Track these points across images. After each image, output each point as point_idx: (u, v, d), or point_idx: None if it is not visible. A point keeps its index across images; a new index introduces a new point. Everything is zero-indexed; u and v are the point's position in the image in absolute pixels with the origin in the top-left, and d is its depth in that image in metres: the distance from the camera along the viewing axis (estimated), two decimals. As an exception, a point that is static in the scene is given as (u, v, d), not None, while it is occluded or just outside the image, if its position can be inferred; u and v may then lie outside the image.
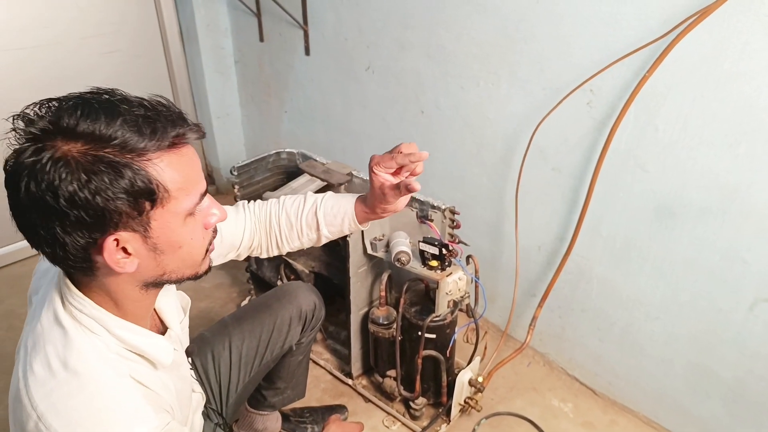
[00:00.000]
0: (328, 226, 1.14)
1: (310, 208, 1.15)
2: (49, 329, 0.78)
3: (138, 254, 0.74)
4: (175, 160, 0.72)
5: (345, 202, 1.14)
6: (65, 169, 0.65)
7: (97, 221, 0.68)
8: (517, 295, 1.82)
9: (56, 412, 0.72)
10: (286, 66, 2.40)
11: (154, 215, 0.72)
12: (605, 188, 1.52)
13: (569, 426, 1.71)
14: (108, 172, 0.66)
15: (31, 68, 2.26)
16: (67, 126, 0.67)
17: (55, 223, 0.68)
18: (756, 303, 1.36)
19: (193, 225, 0.78)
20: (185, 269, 0.81)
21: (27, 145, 0.67)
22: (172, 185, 0.72)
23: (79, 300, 0.78)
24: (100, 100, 0.69)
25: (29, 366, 0.75)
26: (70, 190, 0.65)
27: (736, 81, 1.20)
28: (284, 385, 1.53)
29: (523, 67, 1.58)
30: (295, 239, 1.17)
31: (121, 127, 0.67)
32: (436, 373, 1.63)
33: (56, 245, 0.70)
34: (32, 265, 2.56)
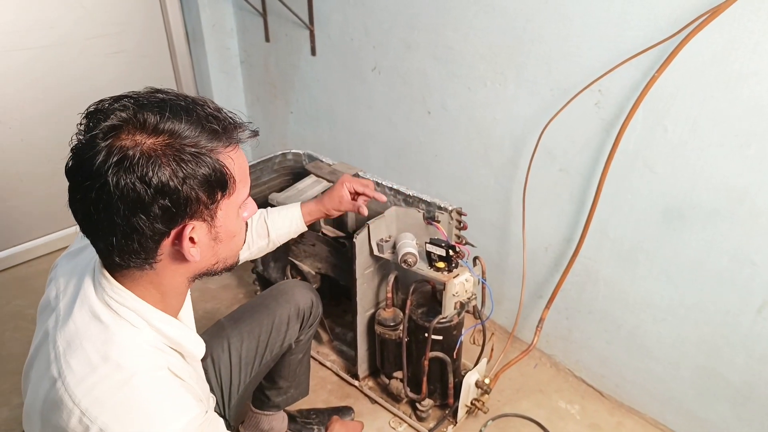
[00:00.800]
0: (277, 230, 1.38)
1: (257, 219, 1.37)
2: (85, 326, 0.79)
3: (201, 243, 0.79)
4: (238, 155, 0.79)
5: (291, 208, 1.41)
6: (156, 161, 0.70)
7: (179, 210, 0.73)
8: (524, 297, 1.81)
9: (101, 406, 0.73)
10: (291, 66, 2.39)
11: (221, 205, 0.79)
12: (613, 190, 1.51)
13: (576, 428, 1.70)
14: (193, 161, 0.72)
15: (37, 69, 2.27)
16: (149, 122, 0.71)
17: (139, 213, 0.71)
18: (764, 305, 1.35)
19: (240, 217, 0.85)
20: (230, 258, 0.88)
21: (107, 140, 0.70)
22: (238, 177, 0.79)
23: (119, 293, 0.80)
24: (175, 99, 0.75)
25: (66, 364, 0.76)
26: (162, 179, 0.70)
27: (747, 81, 1.20)
28: (287, 384, 1.53)
29: (530, 68, 1.57)
30: (244, 249, 1.33)
31: (198, 125, 0.74)
32: (443, 375, 1.63)
33: (133, 235, 0.73)
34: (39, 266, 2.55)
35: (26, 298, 2.28)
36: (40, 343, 0.84)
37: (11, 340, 2.07)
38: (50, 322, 0.84)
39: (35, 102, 2.30)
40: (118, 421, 0.72)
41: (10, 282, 2.39)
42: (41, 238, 2.52)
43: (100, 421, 0.72)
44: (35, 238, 2.51)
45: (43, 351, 0.82)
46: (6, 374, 1.91)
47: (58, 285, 0.89)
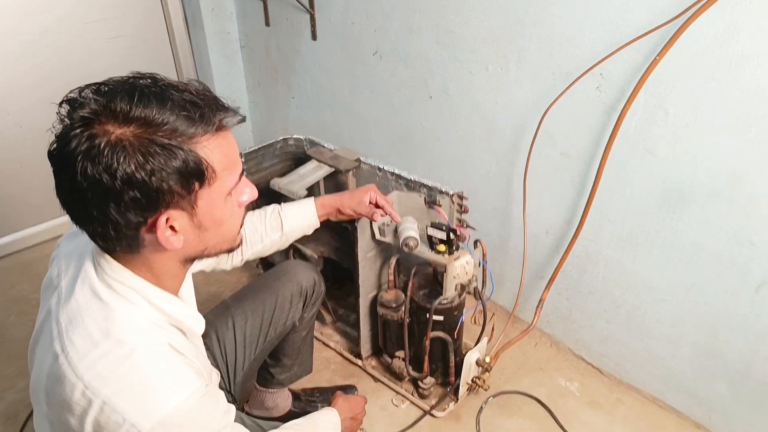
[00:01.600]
0: (290, 223, 1.36)
1: (272, 212, 1.36)
2: (86, 303, 0.80)
3: (184, 231, 0.79)
4: (220, 142, 0.77)
5: (305, 202, 1.39)
6: (122, 152, 0.69)
7: (150, 201, 0.72)
8: (524, 278, 1.83)
9: (103, 380, 0.74)
10: (292, 51, 2.39)
11: (201, 194, 0.77)
12: (614, 173, 1.53)
13: (575, 404, 1.74)
14: (162, 153, 0.71)
15: (35, 54, 2.26)
16: (120, 110, 0.70)
17: (111, 203, 0.71)
18: (763, 285, 1.37)
19: (231, 203, 0.84)
20: (223, 244, 0.87)
21: (79, 129, 0.70)
22: (218, 166, 0.77)
23: (118, 271, 0.81)
24: (149, 85, 0.73)
25: (68, 340, 0.78)
26: (128, 172, 0.69)
27: (748, 64, 1.21)
28: (290, 361, 1.56)
29: (532, 52, 1.58)
30: (257, 242, 1.33)
31: (172, 113, 0.72)
32: (444, 354, 1.66)
33: (108, 224, 0.73)
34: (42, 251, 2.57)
35: (30, 283, 2.30)
36: (44, 320, 0.86)
37: (16, 324, 2.09)
38: (53, 300, 0.85)
39: (33, 88, 2.29)
40: (121, 394, 0.74)
41: (13, 267, 2.41)
42: (44, 223, 2.53)
43: (102, 395, 0.74)
44: (38, 223, 2.52)
45: (47, 328, 0.83)
46: (11, 358, 1.93)
47: (59, 264, 0.91)
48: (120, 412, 0.73)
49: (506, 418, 1.69)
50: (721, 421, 1.59)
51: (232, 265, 1.33)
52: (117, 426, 0.73)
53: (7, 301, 2.21)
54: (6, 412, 1.74)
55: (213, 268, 1.30)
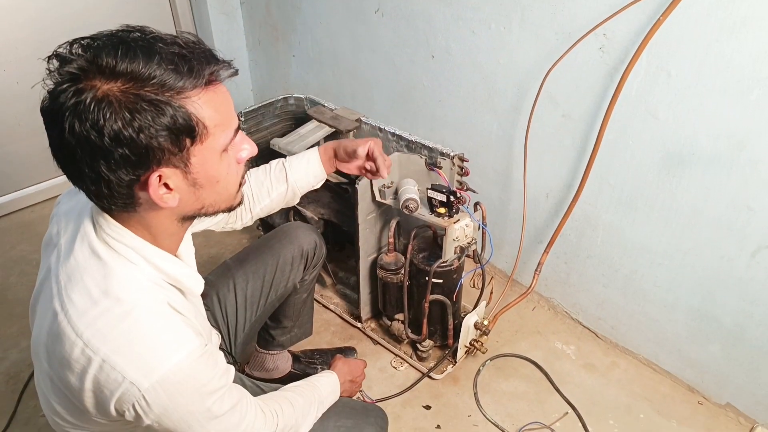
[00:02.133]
0: (295, 173, 1.28)
1: (276, 164, 1.30)
2: (85, 261, 0.80)
3: (179, 189, 0.78)
4: (211, 97, 0.74)
5: (308, 151, 1.32)
6: (108, 108, 0.67)
7: (140, 158, 0.71)
8: (523, 242, 1.84)
9: (103, 337, 0.75)
10: (293, 8, 2.35)
11: (194, 151, 0.75)
12: (615, 136, 1.51)
13: (571, 367, 1.76)
14: (150, 109, 0.69)
15: (30, 7, 2.22)
16: (106, 65, 0.68)
17: (100, 161, 0.70)
18: (759, 250, 1.37)
19: (228, 160, 0.82)
20: (221, 202, 0.86)
21: (66, 85, 0.68)
22: (210, 122, 0.75)
23: (117, 230, 0.81)
24: (136, 38, 0.71)
25: (67, 298, 0.78)
26: (115, 129, 0.68)
27: (752, 26, 1.18)
28: (291, 323, 1.58)
29: (535, 11, 1.54)
30: (264, 196, 1.28)
31: (159, 66, 0.69)
32: (443, 317, 1.68)
33: (101, 182, 0.72)
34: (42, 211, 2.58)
35: (30, 243, 2.31)
36: (44, 278, 0.87)
37: (17, 284, 2.12)
38: (52, 258, 0.86)
39: (29, 42, 2.26)
40: (120, 352, 0.74)
41: (13, 227, 2.42)
42: (43, 182, 2.52)
43: (102, 353, 0.74)
44: (37, 182, 2.52)
45: (47, 285, 0.84)
46: (13, 317, 1.96)
47: (59, 222, 0.90)
48: (119, 370, 0.74)
49: (503, 380, 1.72)
50: (713, 382, 1.62)
51: (242, 224, 1.30)
52: (116, 384, 0.74)
53: (8, 261, 2.23)
54: (8, 371, 1.77)
55: (222, 227, 1.28)
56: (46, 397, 0.87)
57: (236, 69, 0.79)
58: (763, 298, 1.41)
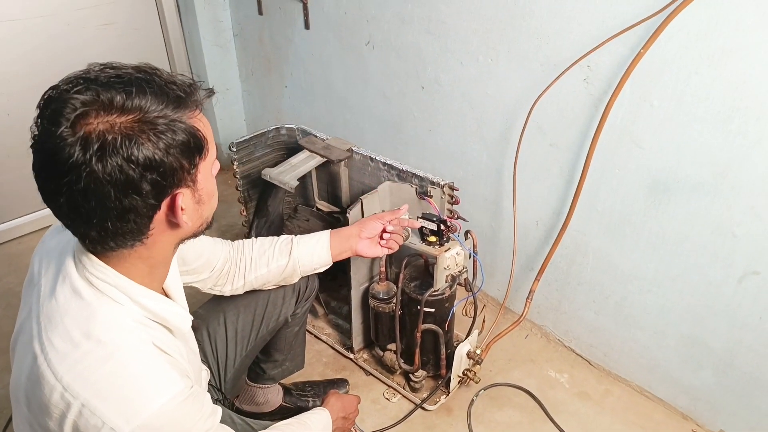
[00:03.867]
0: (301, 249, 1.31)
1: (284, 237, 1.33)
2: (66, 302, 0.79)
3: (188, 209, 0.80)
4: (201, 117, 0.79)
5: (319, 233, 1.36)
6: (135, 137, 0.70)
7: (168, 180, 0.74)
8: (515, 269, 1.85)
9: (83, 381, 0.73)
10: (285, 40, 2.39)
11: (200, 168, 0.79)
12: (601, 164, 1.53)
13: (565, 396, 1.76)
14: (168, 131, 0.72)
15: (26, 41, 2.25)
16: (115, 101, 0.70)
17: (131, 193, 0.71)
18: (745, 276, 1.38)
19: (213, 174, 0.85)
20: (209, 218, 0.88)
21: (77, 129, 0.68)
22: (209, 138, 0.79)
23: (101, 269, 0.80)
24: (133, 72, 0.74)
25: (47, 340, 0.77)
26: (148, 155, 0.70)
27: (730, 57, 1.21)
28: (282, 357, 1.56)
29: (521, 43, 1.58)
30: (263, 265, 1.29)
31: (163, 95, 0.73)
32: (436, 346, 1.67)
33: (128, 216, 0.73)
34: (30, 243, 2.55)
35: (17, 275, 2.27)
36: (25, 318, 0.85)
37: (2, 318, 2.07)
38: (33, 298, 0.84)
39: (23, 75, 2.27)
40: (100, 396, 0.73)
41: (0, 259, 2.39)
42: (31, 214, 2.49)
43: (81, 398, 0.72)
44: (25, 214, 2.49)
45: (27, 326, 0.82)
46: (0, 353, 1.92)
47: (41, 261, 0.89)
48: (99, 416, 0.72)
49: (497, 410, 1.71)
50: (707, 409, 1.61)
51: (232, 290, 1.30)
52: (96, 430, 0.72)
53: (-6, 294, 2.18)
54: (-8, 408, 1.72)
55: (210, 287, 1.27)
56: None
57: (211, 88, 0.83)
58: (751, 323, 1.42)
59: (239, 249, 1.29)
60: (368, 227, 1.39)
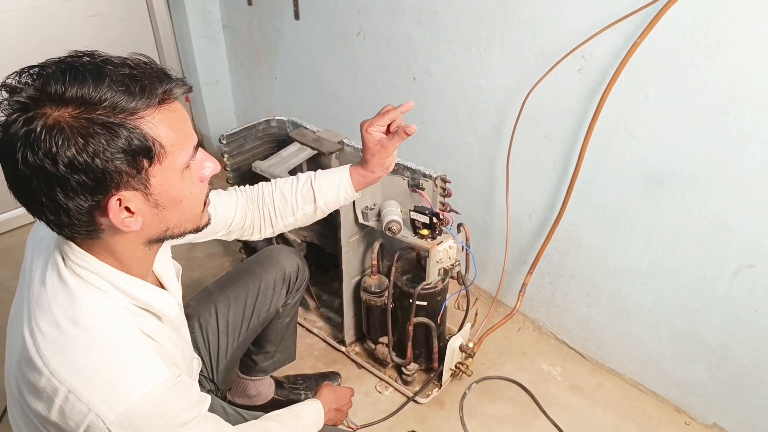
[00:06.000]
0: (324, 196, 1.21)
1: (304, 182, 1.22)
2: (53, 290, 0.79)
3: (141, 212, 0.76)
4: (166, 116, 0.73)
5: (339, 171, 1.23)
6: (60, 135, 0.66)
7: (98, 183, 0.69)
8: (507, 263, 1.83)
9: (69, 367, 0.74)
10: (275, 31, 2.35)
11: (153, 172, 0.74)
12: (595, 156, 1.52)
13: (557, 389, 1.75)
14: (104, 133, 0.67)
15: (11, 32, 2.21)
16: (55, 92, 0.67)
17: (57, 189, 0.69)
18: (740, 269, 1.38)
19: (190, 179, 0.80)
20: (187, 223, 0.84)
21: (15, 115, 0.67)
22: (167, 141, 0.73)
23: (82, 258, 0.79)
24: (84, 62, 0.70)
25: (36, 326, 0.77)
26: (69, 156, 0.66)
27: (727, 48, 1.20)
28: (273, 348, 1.55)
29: (515, 33, 1.56)
30: (289, 215, 1.23)
31: (110, 89, 0.68)
32: (428, 340, 1.66)
33: (60, 211, 0.71)
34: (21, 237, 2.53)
35: (8, 268, 2.26)
36: (17, 305, 0.86)
37: (-5, 312, 2.06)
38: (25, 285, 0.85)
39: (8, 67, 2.17)
40: (85, 382, 0.73)
41: (-9, 252, 2.37)
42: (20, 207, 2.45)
43: (67, 383, 0.73)
44: (16, 207, 2.44)
45: (18, 313, 0.83)
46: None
47: (33, 251, 0.89)
48: (84, 402, 0.72)
49: (489, 403, 1.70)
50: (700, 402, 1.61)
51: (261, 236, 1.26)
52: (81, 415, 0.73)
53: (-16, 287, 2.17)
54: (-15, 399, 1.71)
55: (236, 239, 1.24)
56: (19, 426, 0.86)
57: (190, 86, 0.78)
58: (745, 317, 1.42)
59: (258, 198, 1.22)
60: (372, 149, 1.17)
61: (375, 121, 1.15)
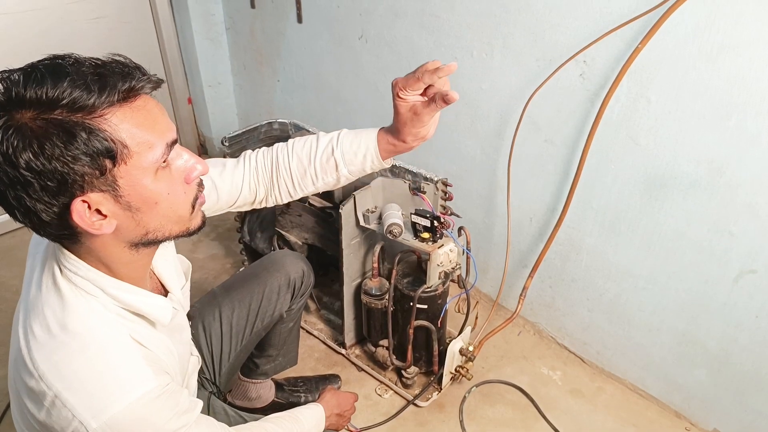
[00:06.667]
0: (348, 165, 1.04)
1: (324, 149, 1.05)
2: (47, 293, 0.79)
3: (114, 215, 0.73)
4: (129, 114, 0.70)
5: (366, 138, 1.04)
6: (16, 137, 0.65)
7: (60, 186, 0.68)
8: (508, 266, 1.83)
9: (58, 373, 0.74)
10: (278, 34, 2.36)
11: (119, 173, 0.70)
12: (597, 160, 1.52)
13: (557, 393, 1.75)
14: (59, 134, 0.66)
15: (16, 35, 2.22)
16: (16, 95, 0.66)
17: (21, 192, 0.68)
18: (741, 275, 1.38)
19: (169, 179, 0.76)
20: (171, 225, 0.80)
21: None
22: (131, 140, 0.70)
23: (73, 263, 0.79)
24: (48, 64, 0.68)
25: (29, 327, 0.77)
26: (25, 159, 0.65)
27: (729, 53, 1.20)
28: (276, 352, 1.55)
29: (516, 38, 1.56)
30: (309, 185, 1.09)
31: (69, 87, 0.66)
32: (428, 343, 1.66)
33: (30, 214, 0.71)
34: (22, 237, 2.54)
35: (10, 269, 2.27)
36: (18, 306, 0.86)
37: (-3, 311, 2.07)
38: (25, 288, 0.86)
39: (13, 68, 2.25)
40: (71, 389, 0.73)
41: (-7, 253, 2.38)
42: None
43: (54, 389, 0.73)
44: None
45: (18, 314, 0.84)
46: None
47: (34, 254, 0.90)
48: (69, 408, 0.72)
49: (489, 407, 1.70)
50: (700, 408, 1.61)
51: (275, 202, 1.13)
52: (66, 421, 0.73)
53: (-13, 287, 2.18)
54: (-13, 399, 1.73)
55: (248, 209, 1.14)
56: (20, 425, 0.86)
57: (159, 80, 0.74)
58: (746, 322, 1.41)
59: (273, 169, 1.08)
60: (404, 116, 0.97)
61: (409, 83, 0.92)
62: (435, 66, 0.90)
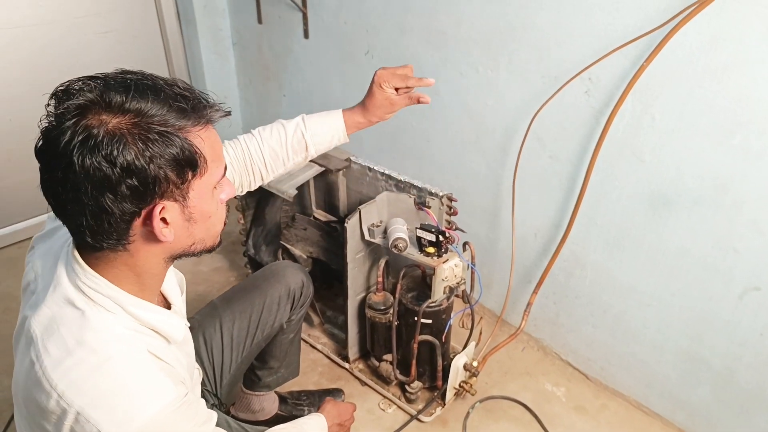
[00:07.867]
0: (317, 145, 1.24)
1: (293, 132, 1.22)
2: (60, 311, 0.79)
3: (175, 224, 0.79)
4: (208, 135, 0.79)
5: (333, 120, 1.25)
6: (121, 140, 0.70)
7: (147, 189, 0.73)
8: (512, 282, 1.83)
9: (77, 390, 0.74)
10: (284, 49, 2.38)
11: (193, 185, 0.78)
12: (601, 177, 1.53)
13: (561, 410, 1.74)
14: (160, 140, 0.72)
15: (25, 47, 2.24)
16: (115, 102, 0.71)
17: (107, 193, 0.71)
18: (746, 292, 1.38)
19: (216, 197, 0.84)
20: (208, 240, 0.87)
21: (73, 120, 0.70)
22: (209, 156, 0.78)
23: (93, 279, 0.80)
24: (140, 79, 0.75)
25: (43, 348, 0.77)
26: (128, 159, 0.70)
27: (733, 72, 1.21)
28: (277, 364, 1.55)
29: (522, 55, 1.58)
30: (280, 166, 1.25)
31: (165, 104, 0.73)
32: (432, 358, 1.66)
33: (102, 216, 0.73)
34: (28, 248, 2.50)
35: (16, 279, 2.26)
36: (22, 323, 0.86)
37: (2, 322, 2.07)
38: (29, 305, 0.85)
39: (23, 81, 2.27)
40: (94, 404, 0.73)
41: (0, 263, 2.39)
42: (31, 219, 2.49)
43: (76, 405, 0.73)
44: (25, 219, 2.49)
45: (25, 331, 0.83)
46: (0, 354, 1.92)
47: (35, 268, 0.90)
48: (93, 423, 0.72)
49: (493, 422, 1.69)
50: (704, 426, 1.60)
51: (249, 188, 1.26)
52: None
53: (-6, 298, 2.19)
54: (-10, 410, 1.72)
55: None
56: None
57: (229, 110, 0.83)
58: (751, 340, 1.41)
59: (246, 158, 1.21)
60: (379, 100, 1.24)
61: (393, 80, 1.19)
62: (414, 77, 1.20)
